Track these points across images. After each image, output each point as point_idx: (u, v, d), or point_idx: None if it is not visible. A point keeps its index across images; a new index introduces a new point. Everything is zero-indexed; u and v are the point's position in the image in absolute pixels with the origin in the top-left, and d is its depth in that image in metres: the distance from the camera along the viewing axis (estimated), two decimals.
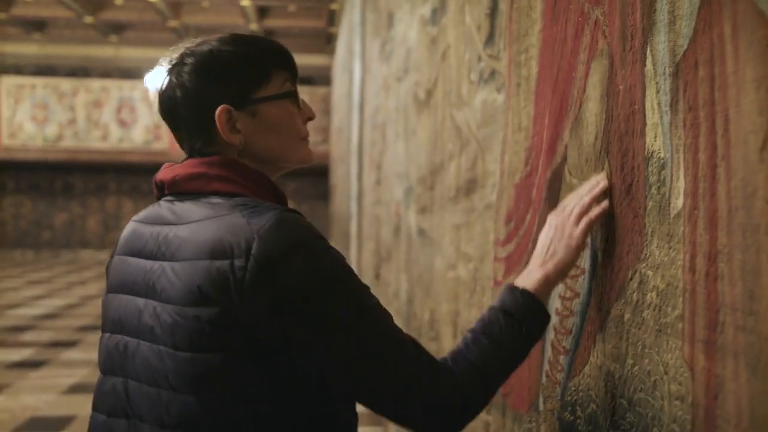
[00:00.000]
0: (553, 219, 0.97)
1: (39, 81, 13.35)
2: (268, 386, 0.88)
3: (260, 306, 0.84)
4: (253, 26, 12.74)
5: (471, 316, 1.71)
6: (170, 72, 0.98)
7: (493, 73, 1.51)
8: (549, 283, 0.94)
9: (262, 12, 12.36)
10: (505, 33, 1.42)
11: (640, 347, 0.80)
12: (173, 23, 12.64)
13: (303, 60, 13.28)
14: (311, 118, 1.06)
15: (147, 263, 0.93)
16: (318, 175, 14.63)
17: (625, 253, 0.84)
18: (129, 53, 14.29)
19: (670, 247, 0.73)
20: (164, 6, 11.64)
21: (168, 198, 0.98)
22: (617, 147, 0.87)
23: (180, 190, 0.96)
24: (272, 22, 12.77)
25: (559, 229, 0.94)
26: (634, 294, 0.82)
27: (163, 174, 0.99)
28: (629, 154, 0.84)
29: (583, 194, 0.94)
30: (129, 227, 1.02)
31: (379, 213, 4.19)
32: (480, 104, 1.63)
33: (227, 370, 0.86)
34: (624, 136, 0.85)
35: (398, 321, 3.47)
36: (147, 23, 13.05)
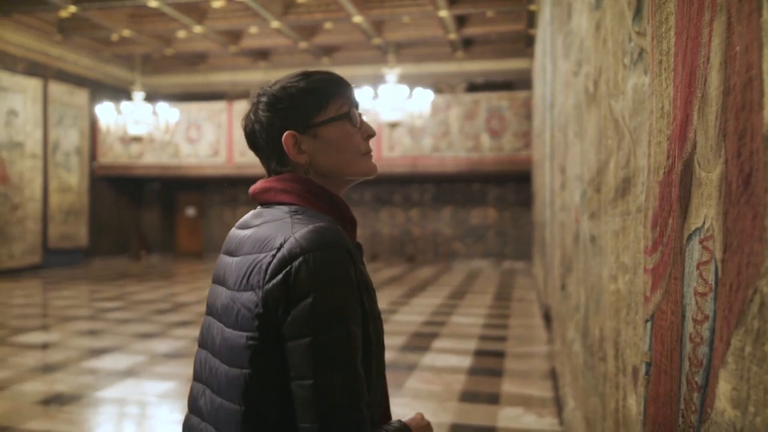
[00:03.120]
0: None
1: None
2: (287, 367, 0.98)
3: (272, 288, 0.97)
4: (452, 36, 12.88)
5: (628, 337, 1.49)
6: (250, 110, 1.17)
7: (641, 53, 1.29)
8: None
9: (461, 21, 12.45)
10: (650, 2, 1.21)
11: (762, 392, 0.59)
12: (377, 41, 13.27)
13: (502, 65, 13.10)
14: (372, 135, 1.18)
15: (229, 259, 1.12)
16: (520, 181, 14.33)
17: (745, 265, 0.63)
18: (339, 72, 15.29)
19: None
20: (368, 26, 12.28)
21: (257, 206, 1.19)
22: (734, 126, 0.66)
23: (258, 201, 1.16)
24: (471, 30, 12.80)
25: None
26: (755, 320, 0.61)
27: (251, 188, 1.19)
28: (747, 134, 0.63)
29: None
30: (229, 232, 1.21)
31: (563, 219, 3.93)
32: (631, 90, 1.41)
33: (254, 348, 0.98)
34: (741, 111, 0.64)
35: (577, 339, 3.17)
36: (354, 43, 13.87)
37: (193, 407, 1.12)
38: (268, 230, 1.04)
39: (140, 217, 17.01)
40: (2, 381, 5.08)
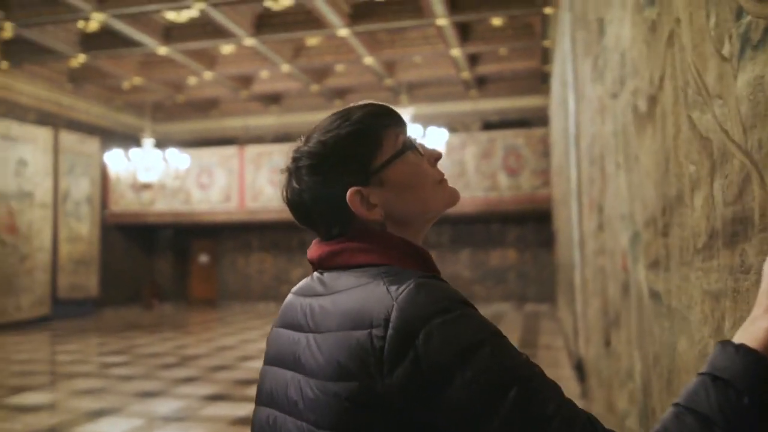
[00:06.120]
0: None
1: (275, 148, 14.61)
2: None
3: (402, 378, 0.77)
4: (465, 74, 12.63)
5: None
6: (290, 178, 0.96)
7: (767, 30, 0.87)
8: None
9: (473, 59, 12.19)
10: None
11: None
12: (389, 81, 13.05)
13: (518, 103, 12.81)
14: (438, 157, 0.99)
15: (295, 335, 0.93)
16: (540, 221, 13.85)
17: None
18: None
19: None
20: (380, 67, 12.06)
21: (319, 270, 0.98)
22: None
23: (326, 266, 0.96)
24: (484, 69, 12.54)
25: None
26: None
27: (311, 253, 0.99)
28: None
29: None
30: (287, 299, 1.02)
31: (603, 264, 3.45)
32: (745, 88, 0.98)
33: None
34: None
35: (633, 413, 2.61)
36: (366, 84, 13.66)
37: None
38: (356, 299, 0.84)
39: (153, 264, 16.69)
40: None
